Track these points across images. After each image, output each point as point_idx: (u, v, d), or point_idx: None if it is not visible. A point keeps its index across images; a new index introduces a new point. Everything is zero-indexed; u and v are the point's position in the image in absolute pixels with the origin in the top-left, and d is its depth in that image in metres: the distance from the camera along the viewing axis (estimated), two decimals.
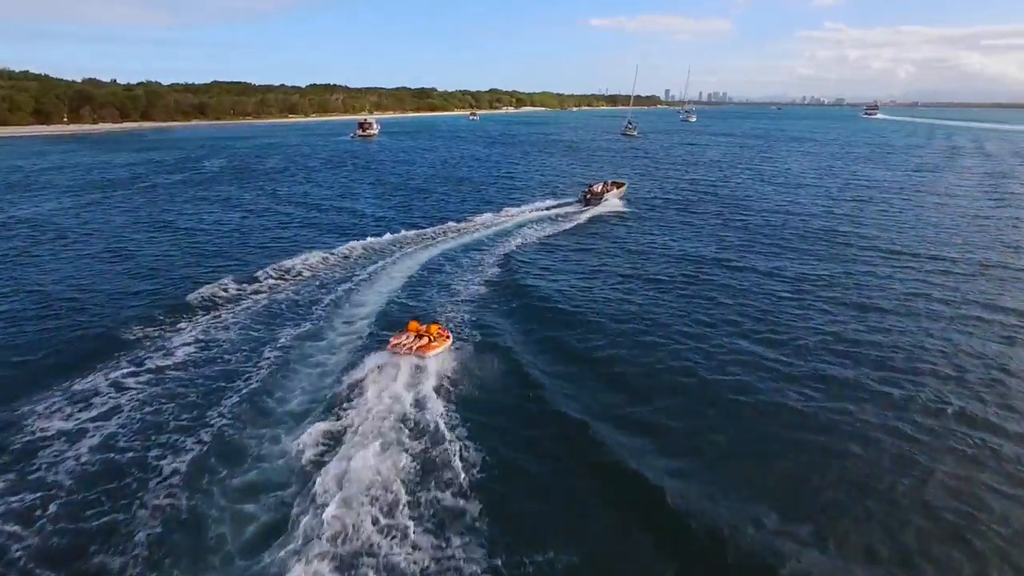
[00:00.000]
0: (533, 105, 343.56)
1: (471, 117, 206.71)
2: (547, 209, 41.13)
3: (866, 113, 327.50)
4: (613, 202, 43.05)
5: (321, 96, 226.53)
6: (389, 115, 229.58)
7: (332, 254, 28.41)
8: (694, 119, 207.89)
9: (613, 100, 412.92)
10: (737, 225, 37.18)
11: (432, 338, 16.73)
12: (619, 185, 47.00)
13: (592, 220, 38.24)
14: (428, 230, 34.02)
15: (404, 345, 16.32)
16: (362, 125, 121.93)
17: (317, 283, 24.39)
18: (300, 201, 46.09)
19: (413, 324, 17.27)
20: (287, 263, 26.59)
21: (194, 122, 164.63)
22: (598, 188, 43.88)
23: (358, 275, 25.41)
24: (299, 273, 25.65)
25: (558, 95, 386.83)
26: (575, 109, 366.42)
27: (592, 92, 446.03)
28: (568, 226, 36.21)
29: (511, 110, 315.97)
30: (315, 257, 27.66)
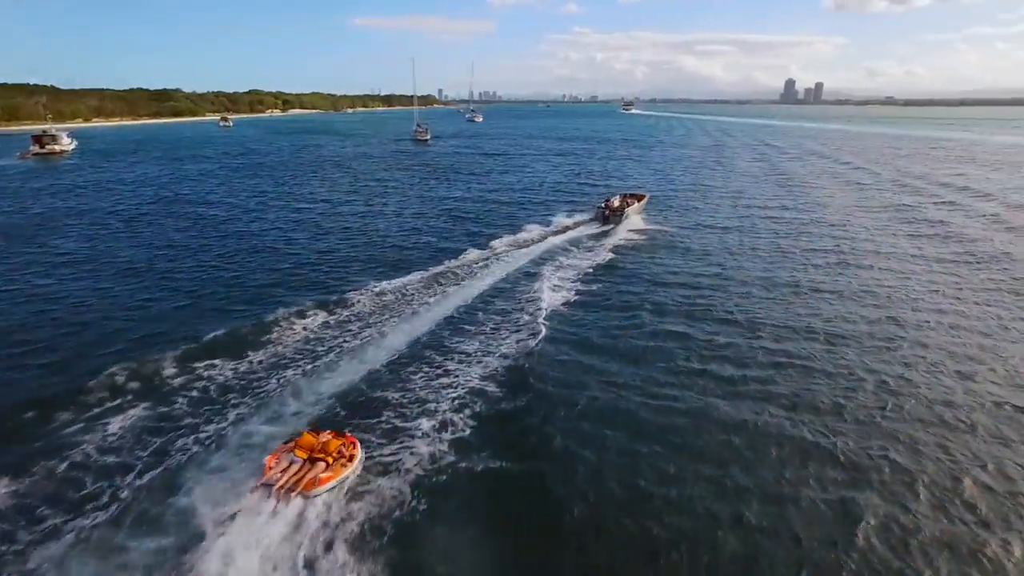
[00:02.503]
0: (303, 107, 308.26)
1: (222, 123, 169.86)
2: (563, 231, 35.20)
3: (624, 108, 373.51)
4: (634, 220, 37.47)
5: (10, 100, 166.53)
6: (115, 123, 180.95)
7: None
8: (480, 119, 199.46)
9: (388, 100, 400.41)
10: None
11: (329, 459, 12.00)
12: (639, 198, 41.82)
13: (618, 249, 31.27)
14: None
15: (280, 479, 11.56)
16: (39, 139, 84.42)
17: None
18: None
19: (306, 436, 12.55)
20: None
21: None
22: (616, 203, 38.75)
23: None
24: None
25: (330, 96, 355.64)
26: (350, 111, 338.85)
27: (367, 92, 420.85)
28: (587, 263, 28.73)
29: (277, 113, 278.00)
30: None
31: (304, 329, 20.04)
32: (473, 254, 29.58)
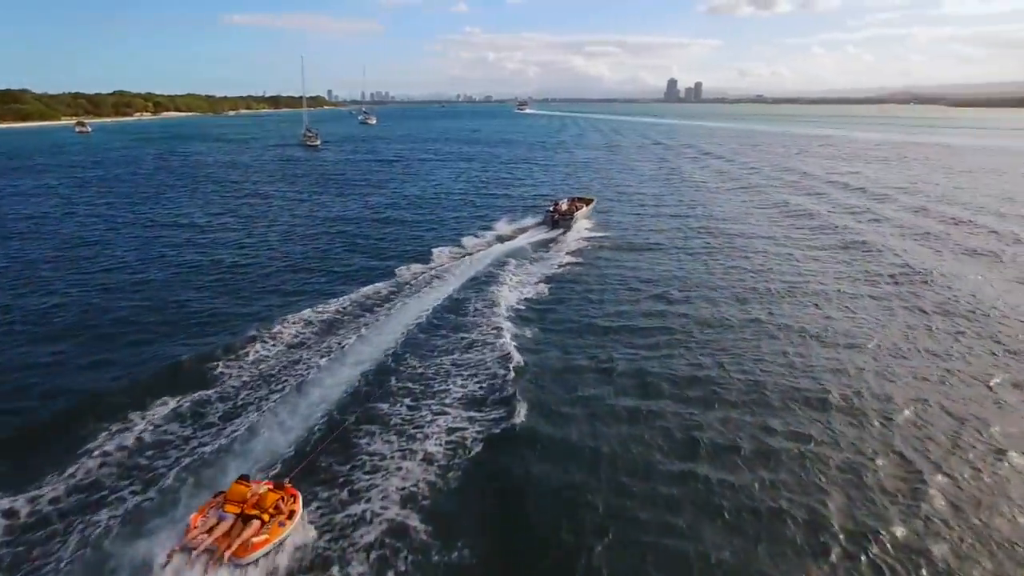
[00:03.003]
0: (178, 110, 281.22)
1: (78, 129, 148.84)
2: (511, 238, 33.63)
3: (518, 108, 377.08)
4: (582, 224, 36.32)
5: None
6: None
7: None
8: (374, 121, 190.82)
9: (275, 102, 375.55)
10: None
11: (265, 515, 10.33)
12: (587, 202, 40.03)
13: (574, 261, 29.41)
14: None
15: (205, 540, 9.81)
16: None
17: None
18: None
19: (237, 487, 10.75)
20: None
21: None
22: (564, 205, 37.16)
23: None
24: None
25: (209, 97, 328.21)
26: (232, 113, 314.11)
27: (250, 93, 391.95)
28: (543, 271, 27.40)
29: (147, 116, 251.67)
30: None
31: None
32: (382, 286, 24.97)
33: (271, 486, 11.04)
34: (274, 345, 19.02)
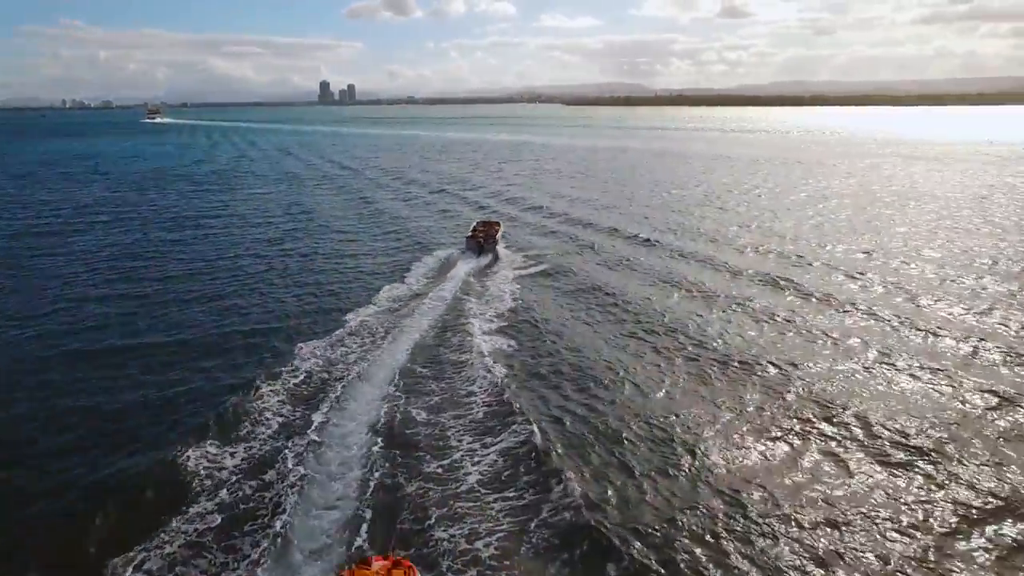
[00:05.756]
0: None
1: None
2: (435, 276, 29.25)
3: (149, 116, 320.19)
4: (501, 249, 33.39)
5: None
6: None
7: None
8: None
9: None
10: None
11: None
12: (497, 225, 36.14)
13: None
14: None
15: None
16: None
17: None
18: None
19: (361, 571, 10.50)
20: None
21: None
22: (484, 229, 34.28)
23: None
24: None
25: None
26: None
27: None
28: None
29: None
30: None
31: None
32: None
33: (389, 564, 10.36)
34: None
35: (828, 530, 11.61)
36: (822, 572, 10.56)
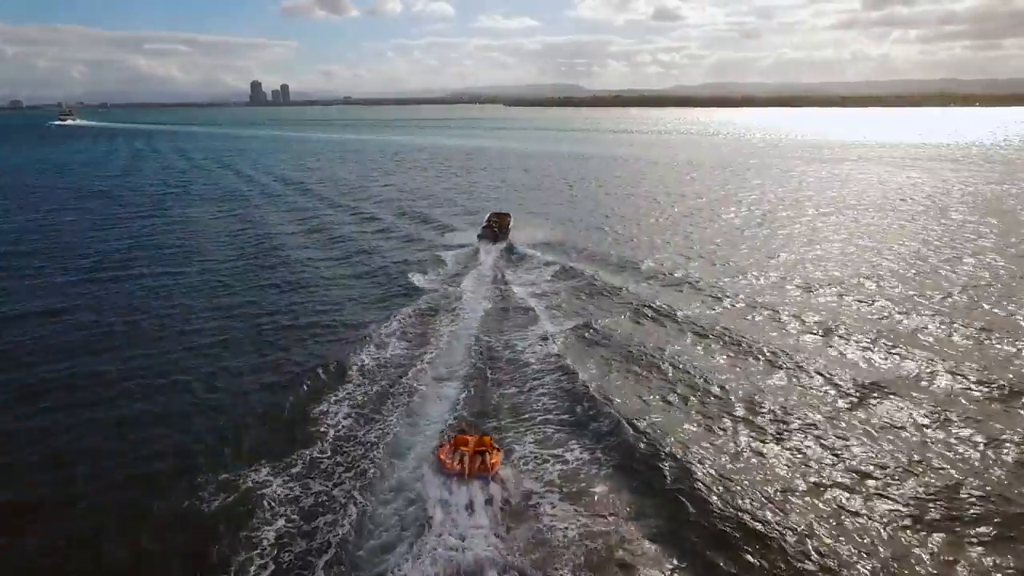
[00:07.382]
0: None
1: None
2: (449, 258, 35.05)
3: (61, 119, 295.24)
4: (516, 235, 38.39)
5: None
6: None
7: None
8: None
9: None
10: None
11: (491, 452, 14.03)
12: (507, 216, 40.62)
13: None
14: None
15: (462, 465, 13.55)
16: None
17: None
18: None
19: (462, 437, 14.40)
20: None
21: None
22: (497, 219, 39.29)
23: None
24: None
25: None
26: None
27: None
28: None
29: None
30: None
31: None
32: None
33: (478, 439, 14.23)
34: None
35: None
36: None
